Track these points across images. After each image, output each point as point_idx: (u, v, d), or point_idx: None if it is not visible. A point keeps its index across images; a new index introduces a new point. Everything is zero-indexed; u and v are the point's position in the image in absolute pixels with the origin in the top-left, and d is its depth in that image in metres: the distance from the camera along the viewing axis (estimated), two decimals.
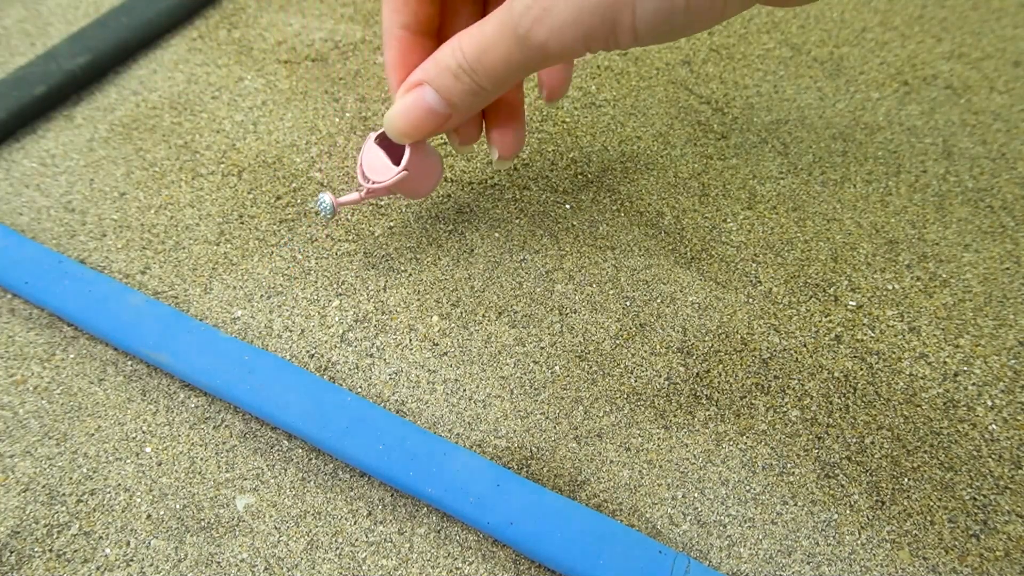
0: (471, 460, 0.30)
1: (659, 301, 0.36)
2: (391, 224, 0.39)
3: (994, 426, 0.32)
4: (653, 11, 0.22)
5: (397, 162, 0.31)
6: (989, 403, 0.33)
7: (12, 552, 0.29)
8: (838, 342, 0.35)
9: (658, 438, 0.32)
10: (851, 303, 0.36)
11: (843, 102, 0.45)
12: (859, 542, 0.29)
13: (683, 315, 0.36)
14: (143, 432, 0.32)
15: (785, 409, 0.33)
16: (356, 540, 0.30)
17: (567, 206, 0.40)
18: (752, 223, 0.39)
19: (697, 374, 0.34)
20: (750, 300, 0.36)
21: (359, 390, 0.33)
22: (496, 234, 0.39)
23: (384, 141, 0.31)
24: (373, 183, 0.31)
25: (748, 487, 0.31)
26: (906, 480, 0.31)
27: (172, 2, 0.48)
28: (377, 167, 0.31)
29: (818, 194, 0.41)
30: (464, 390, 0.33)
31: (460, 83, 0.26)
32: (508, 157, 0.33)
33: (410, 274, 0.37)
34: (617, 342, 0.35)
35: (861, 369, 0.34)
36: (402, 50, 0.29)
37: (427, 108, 0.27)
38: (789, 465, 0.31)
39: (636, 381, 0.34)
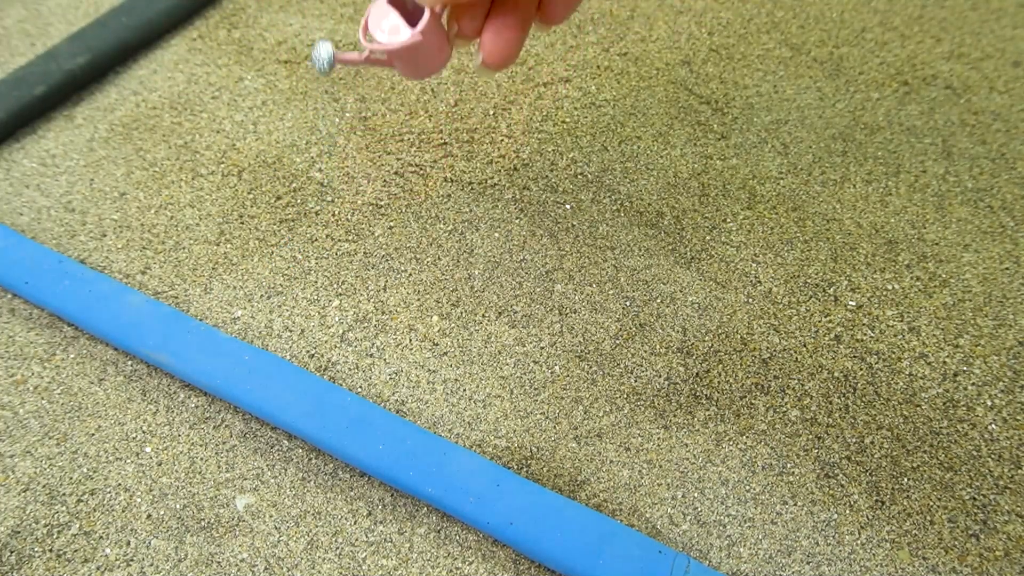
0: (471, 460, 0.30)
1: (659, 301, 0.36)
2: (391, 224, 0.39)
3: (994, 426, 0.32)
4: None
5: (410, 24, 0.28)
6: (989, 403, 0.33)
7: (12, 552, 0.29)
8: (838, 342, 0.35)
9: (658, 438, 0.32)
10: (851, 303, 0.36)
11: (843, 102, 0.45)
12: (859, 542, 0.29)
13: (683, 315, 0.36)
14: (143, 432, 0.32)
15: (785, 409, 0.33)
16: (356, 540, 0.30)
17: (567, 206, 0.40)
18: (752, 223, 0.39)
19: (697, 374, 0.34)
20: (750, 300, 0.36)
21: (359, 390, 0.33)
22: (496, 234, 0.39)
23: (396, 5, 0.28)
24: (378, 43, 0.28)
25: (748, 487, 0.31)
26: (906, 480, 0.31)
27: (172, 2, 0.48)
28: (386, 26, 0.28)
29: (818, 194, 0.41)
30: (464, 390, 0.33)
31: None
32: (493, 66, 0.30)
33: (410, 274, 0.37)
34: (617, 342, 0.35)
35: (861, 369, 0.34)
36: None
37: None
38: (789, 465, 0.31)
39: (636, 381, 0.34)
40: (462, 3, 0.27)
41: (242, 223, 0.39)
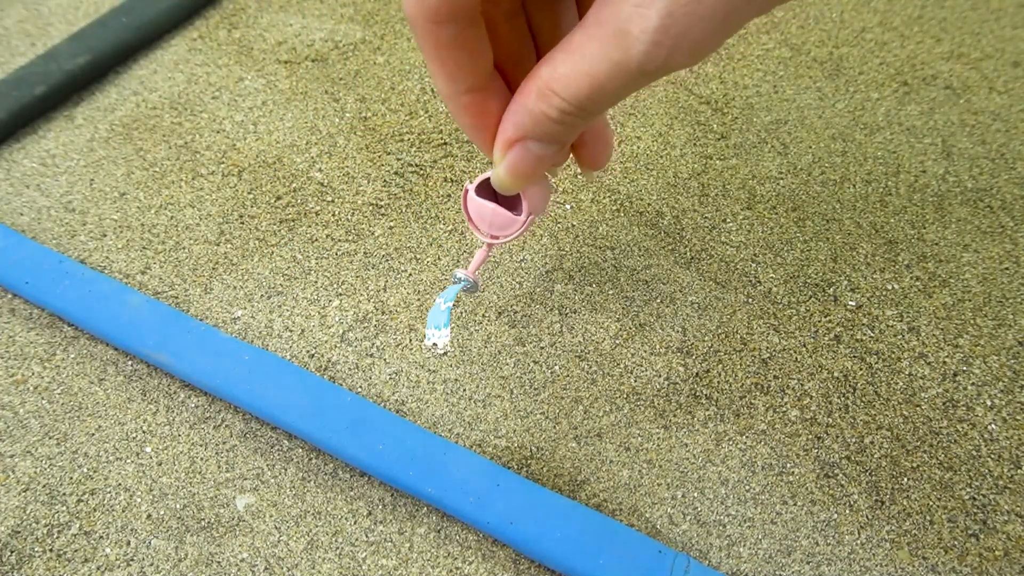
0: (471, 460, 0.30)
1: (659, 301, 0.36)
2: (391, 224, 0.39)
3: (994, 426, 0.32)
4: None
5: (507, 205, 0.29)
6: (989, 403, 0.33)
7: (12, 552, 0.29)
8: (838, 342, 0.35)
9: (658, 438, 0.32)
10: (851, 303, 0.36)
11: (843, 102, 0.45)
12: (859, 542, 0.29)
13: (683, 315, 0.36)
14: (143, 432, 0.32)
15: (785, 409, 0.33)
16: (356, 540, 0.30)
17: (567, 206, 0.40)
18: (752, 223, 0.39)
19: (697, 374, 0.34)
20: (750, 300, 0.36)
21: (359, 390, 0.33)
22: None
23: (486, 188, 0.30)
24: (494, 238, 0.30)
25: (748, 487, 0.31)
26: (906, 480, 0.31)
27: (172, 2, 0.48)
28: (495, 220, 0.29)
29: (818, 194, 0.41)
30: (464, 390, 0.33)
31: (563, 124, 0.24)
32: (599, 168, 0.31)
33: (410, 274, 0.37)
34: (617, 342, 0.35)
35: (861, 369, 0.34)
36: (476, 112, 0.27)
37: (534, 158, 0.25)
38: (789, 465, 0.31)
39: (636, 381, 0.34)
40: (542, 173, 0.27)
41: (242, 223, 0.39)
